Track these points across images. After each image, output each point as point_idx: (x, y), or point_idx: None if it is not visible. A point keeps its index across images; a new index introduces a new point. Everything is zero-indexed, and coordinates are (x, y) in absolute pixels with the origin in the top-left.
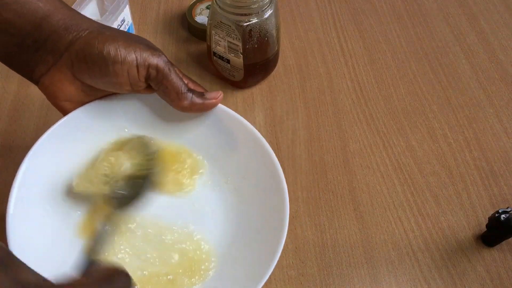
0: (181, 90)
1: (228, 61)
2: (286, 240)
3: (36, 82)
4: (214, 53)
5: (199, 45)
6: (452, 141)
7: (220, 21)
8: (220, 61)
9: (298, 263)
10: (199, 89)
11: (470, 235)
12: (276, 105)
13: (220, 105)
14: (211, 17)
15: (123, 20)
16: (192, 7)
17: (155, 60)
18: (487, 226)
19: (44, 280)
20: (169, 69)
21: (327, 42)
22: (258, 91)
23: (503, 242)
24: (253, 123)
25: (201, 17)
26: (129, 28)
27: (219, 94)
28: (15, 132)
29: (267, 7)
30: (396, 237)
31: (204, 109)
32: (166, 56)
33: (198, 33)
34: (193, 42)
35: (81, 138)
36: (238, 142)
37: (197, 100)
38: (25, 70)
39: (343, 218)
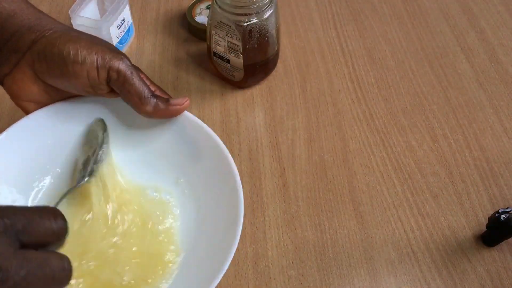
0: (144, 95)
1: (228, 61)
2: (286, 240)
3: (1, 82)
4: (214, 53)
5: (199, 45)
6: (452, 141)
7: (220, 21)
8: (220, 61)
9: (298, 263)
10: (164, 96)
11: (470, 235)
12: (276, 105)
13: (186, 112)
14: (211, 17)
15: (123, 20)
16: (192, 7)
17: (117, 63)
18: (487, 226)
19: None
20: (131, 72)
21: (327, 42)
22: (258, 91)
23: (503, 242)
24: (253, 123)
25: (201, 17)
26: (129, 28)
27: (185, 101)
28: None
29: (267, 7)
30: (396, 237)
31: (168, 115)
32: (129, 60)
33: (198, 33)
34: (193, 42)
35: (41, 140)
36: (201, 151)
37: (161, 105)
38: None
39: (343, 218)
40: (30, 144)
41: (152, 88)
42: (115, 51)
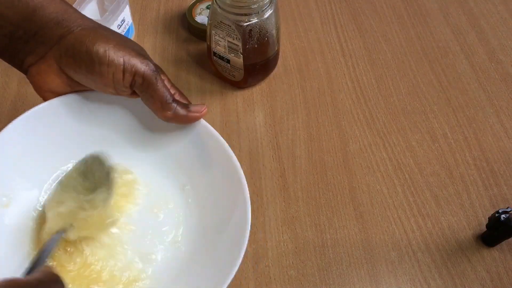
0: (166, 100)
1: (228, 61)
2: (286, 240)
3: (25, 71)
4: (214, 53)
5: (199, 45)
6: (452, 141)
7: (220, 21)
8: (220, 61)
9: (298, 263)
10: (184, 101)
11: (470, 235)
12: (276, 105)
13: (202, 120)
14: (211, 17)
15: (123, 20)
16: (192, 7)
17: (143, 68)
18: (487, 226)
19: None
20: (155, 78)
21: (327, 42)
22: (258, 91)
23: (503, 242)
24: (253, 123)
25: (201, 17)
26: (129, 28)
27: (203, 109)
28: None
29: (267, 7)
30: (396, 237)
31: (186, 121)
32: (154, 65)
33: (198, 33)
34: (193, 42)
35: (57, 127)
36: (212, 160)
37: (181, 111)
38: (15, 60)
39: (343, 218)
40: (47, 131)
41: (172, 91)
42: (141, 55)
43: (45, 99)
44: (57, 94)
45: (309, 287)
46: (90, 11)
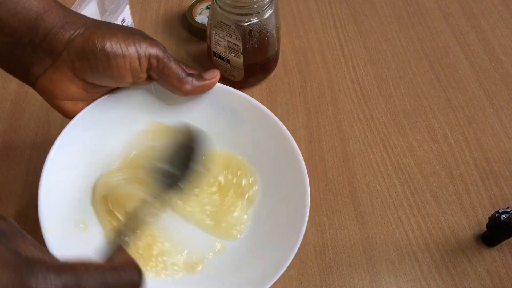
0: (182, 76)
1: (228, 61)
2: None
3: (32, 83)
4: (214, 53)
5: (199, 45)
6: (452, 141)
7: (220, 21)
8: (220, 61)
9: (298, 263)
10: (195, 72)
11: (470, 235)
12: (276, 105)
13: (218, 84)
14: (211, 17)
15: (123, 20)
16: (192, 7)
17: (155, 50)
18: (487, 226)
19: (47, 253)
20: (168, 57)
21: (327, 42)
22: (258, 91)
23: (503, 242)
24: None
25: (201, 17)
26: None
27: (216, 73)
28: (15, 132)
29: (267, 7)
30: (396, 237)
31: (204, 90)
32: (163, 45)
33: (198, 33)
34: (193, 42)
35: (102, 131)
36: (244, 116)
37: (198, 82)
38: (20, 71)
39: (343, 218)
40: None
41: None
42: (149, 38)
43: (60, 109)
44: (72, 100)
45: (309, 287)
46: (90, 11)
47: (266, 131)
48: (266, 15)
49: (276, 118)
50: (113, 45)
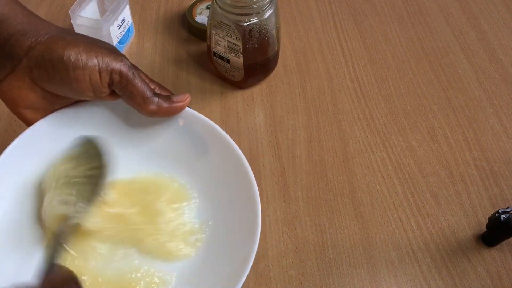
0: (147, 95)
1: (228, 61)
2: (286, 240)
3: None
4: (214, 53)
5: (199, 45)
6: (452, 141)
7: (220, 21)
8: (220, 61)
9: (298, 263)
10: (166, 93)
11: (470, 235)
12: (276, 105)
13: (188, 109)
14: (211, 17)
15: (123, 20)
16: (192, 7)
17: (118, 65)
18: (487, 226)
19: None
20: (133, 73)
21: (327, 42)
22: (258, 91)
23: (503, 242)
24: (253, 123)
25: (201, 17)
26: (129, 28)
27: (186, 97)
28: (15, 132)
29: (267, 7)
30: (396, 237)
31: (171, 113)
32: (129, 61)
33: (198, 33)
34: (193, 42)
35: (47, 150)
36: (208, 147)
37: (164, 104)
38: None
39: (343, 218)
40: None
41: (152, 86)
42: (114, 52)
43: (21, 116)
44: (32, 109)
45: (309, 287)
46: (90, 11)
47: (227, 162)
48: (266, 15)
49: (238, 150)
50: (72, 56)
